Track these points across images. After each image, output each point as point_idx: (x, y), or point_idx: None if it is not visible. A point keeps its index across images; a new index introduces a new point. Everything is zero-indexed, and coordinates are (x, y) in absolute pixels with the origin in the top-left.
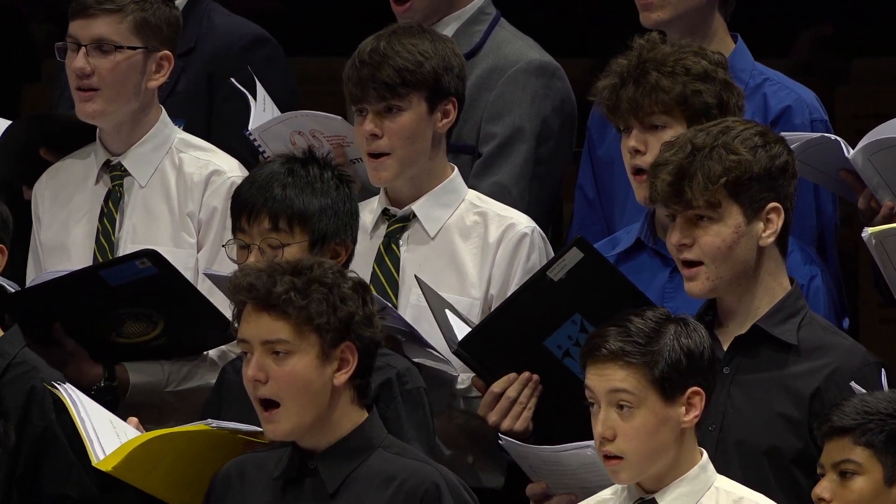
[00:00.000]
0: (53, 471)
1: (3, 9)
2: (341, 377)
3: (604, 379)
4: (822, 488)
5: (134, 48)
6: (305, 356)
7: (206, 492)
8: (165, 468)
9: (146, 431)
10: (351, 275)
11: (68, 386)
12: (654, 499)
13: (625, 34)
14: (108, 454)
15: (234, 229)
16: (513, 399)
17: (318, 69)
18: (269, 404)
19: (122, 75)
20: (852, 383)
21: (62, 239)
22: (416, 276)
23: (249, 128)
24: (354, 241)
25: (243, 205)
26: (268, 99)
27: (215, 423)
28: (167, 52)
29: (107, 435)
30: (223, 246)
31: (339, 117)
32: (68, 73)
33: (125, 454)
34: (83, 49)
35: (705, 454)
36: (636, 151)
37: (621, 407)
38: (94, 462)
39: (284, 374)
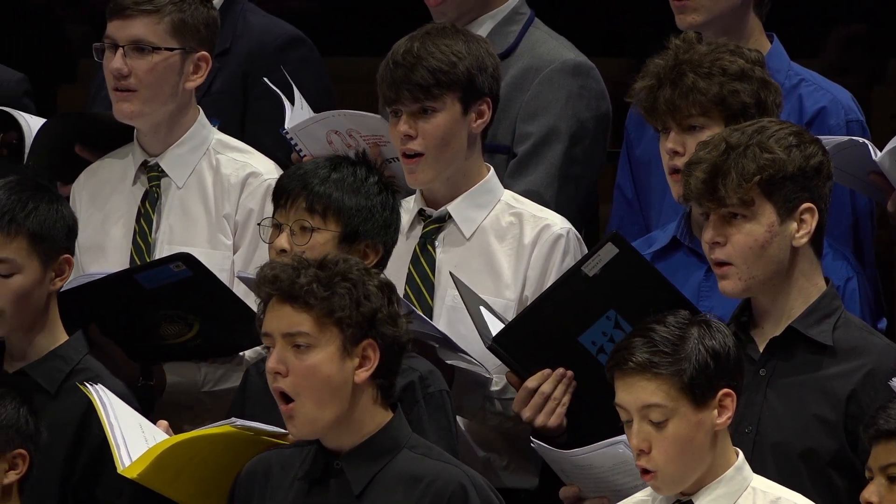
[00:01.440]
0: (110, 482)
1: (39, 10)
2: (362, 374)
3: (634, 394)
4: (871, 492)
5: (171, 49)
6: (325, 350)
7: (230, 488)
8: (190, 472)
9: (172, 431)
10: (378, 274)
11: (100, 387)
12: (690, 500)
13: (660, 33)
14: (133, 461)
15: (273, 212)
16: (547, 395)
17: (353, 69)
18: (288, 399)
19: (160, 76)
20: (892, 381)
21: (99, 239)
22: (450, 272)
23: (286, 126)
24: (387, 248)
25: (283, 188)
26: (303, 99)
27: (240, 422)
28: (205, 52)
29: (135, 440)
30: (258, 224)
31: (377, 116)
32: (105, 74)
33: (150, 460)
34: (120, 50)
35: (741, 454)
36: (674, 153)
37: (654, 419)
38: (120, 469)
39: (304, 367)
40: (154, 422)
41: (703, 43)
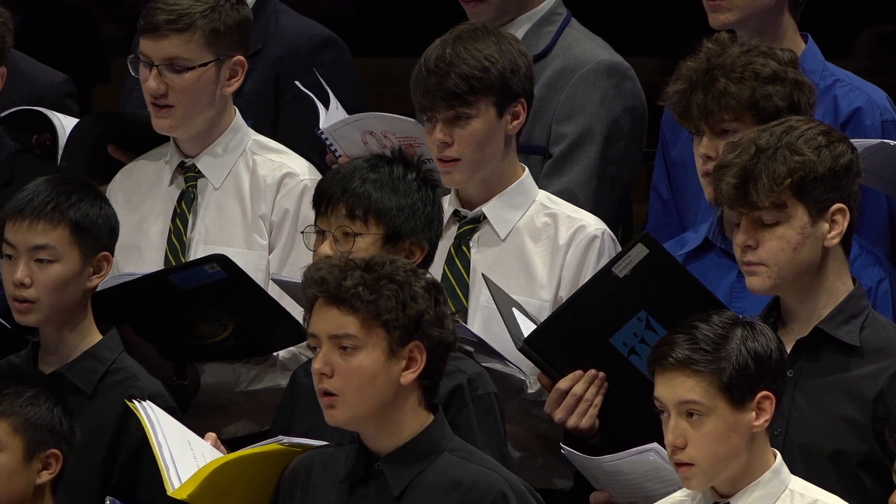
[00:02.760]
0: (149, 482)
1: (73, 10)
2: (408, 376)
3: (672, 389)
4: None
5: (206, 63)
6: (372, 352)
7: (275, 486)
8: (240, 491)
9: (220, 445)
10: (424, 275)
11: (147, 404)
12: (728, 503)
13: (696, 33)
14: (183, 481)
15: (315, 218)
16: (578, 396)
17: (386, 70)
18: (332, 395)
19: (197, 91)
20: None
21: (135, 239)
22: (482, 274)
23: (321, 126)
24: (432, 244)
25: (323, 194)
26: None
27: (287, 439)
28: (240, 56)
29: (184, 458)
30: (301, 233)
31: (411, 119)
32: (143, 89)
33: (200, 481)
34: (155, 69)
35: (779, 457)
36: (707, 157)
37: (691, 415)
38: (170, 491)
39: (350, 369)
40: (191, 426)
41: (736, 45)
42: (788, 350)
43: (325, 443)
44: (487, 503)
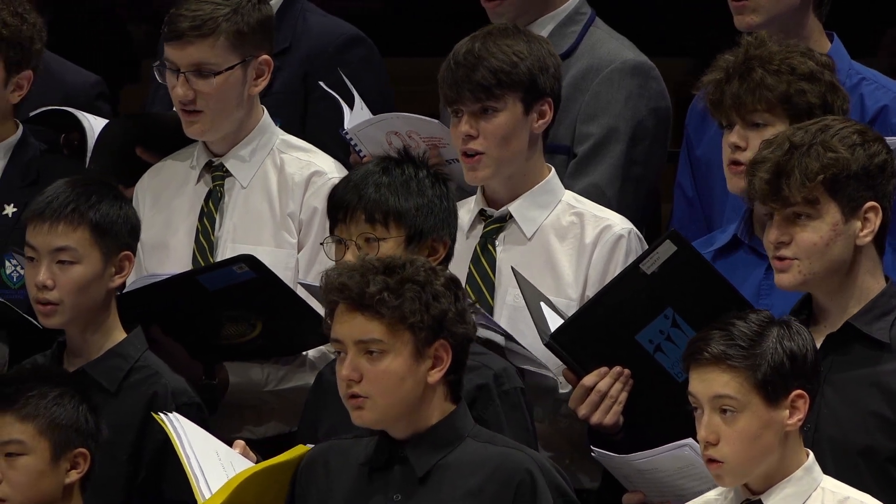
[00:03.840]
0: (175, 478)
1: (101, 10)
2: (435, 375)
3: (706, 384)
4: None
5: (232, 66)
6: (400, 355)
7: (290, 481)
8: (270, 498)
9: (250, 452)
10: (443, 271)
11: (174, 416)
12: (760, 500)
13: (722, 33)
14: (213, 492)
15: (332, 227)
16: (603, 393)
17: (414, 69)
18: (359, 397)
19: (225, 94)
20: None
21: (162, 238)
22: (512, 268)
23: (346, 127)
24: (453, 239)
25: (339, 203)
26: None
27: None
28: (266, 56)
29: (213, 469)
30: (321, 244)
31: (435, 120)
32: (171, 95)
33: (230, 492)
34: (182, 76)
35: (811, 455)
36: (736, 147)
37: (724, 411)
38: (201, 503)
39: (378, 373)
40: (221, 425)
41: (775, 42)
42: (819, 345)
43: None
44: (515, 482)
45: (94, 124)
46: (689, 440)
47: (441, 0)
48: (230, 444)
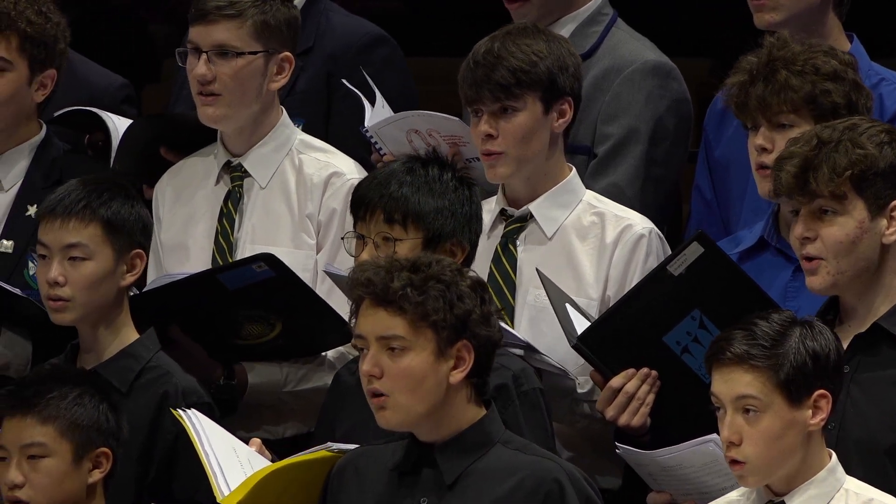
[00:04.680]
0: (185, 477)
1: (122, 10)
2: (457, 375)
3: (729, 384)
4: None
5: (255, 52)
6: (421, 353)
7: (322, 487)
8: (289, 498)
9: (265, 450)
10: (469, 273)
11: (192, 413)
12: (783, 501)
13: (743, 34)
14: (232, 489)
15: (354, 223)
16: (631, 394)
17: (437, 69)
18: (381, 395)
19: (244, 80)
20: None
21: (182, 239)
22: (537, 269)
23: (366, 125)
24: (472, 244)
25: (361, 200)
26: (384, 98)
27: (336, 446)
28: (288, 53)
29: (231, 466)
30: (342, 239)
31: (455, 118)
32: (189, 79)
33: (249, 488)
34: (204, 55)
35: (834, 456)
36: (763, 149)
37: (747, 411)
38: (219, 499)
39: (399, 369)
40: (240, 425)
41: (798, 42)
42: (845, 346)
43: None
44: (543, 491)
45: (118, 125)
46: (714, 436)
47: (460, 0)
48: (245, 442)
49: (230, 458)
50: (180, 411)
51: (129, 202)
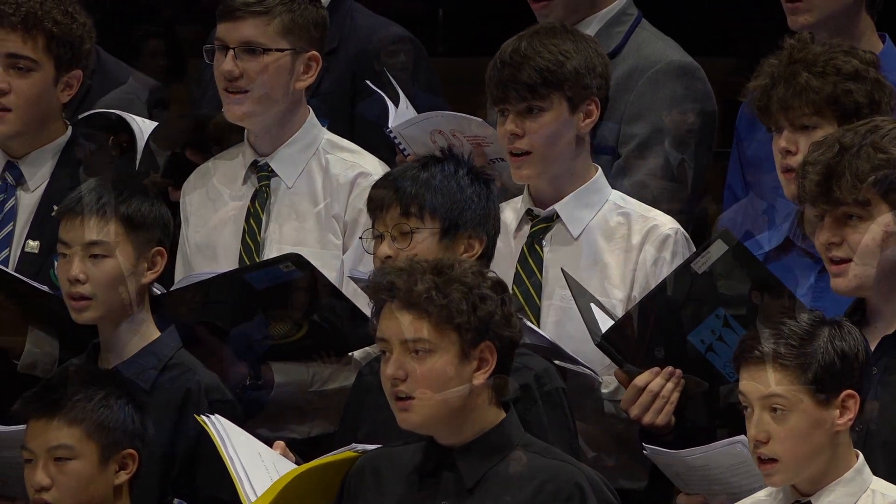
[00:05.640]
0: (208, 474)
1: (148, 10)
2: (480, 377)
3: (757, 383)
4: None
5: (282, 50)
6: (445, 355)
7: (339, 488)
8: (313, 499)
9: (290, 453)
10: (490, 274)
11: (216, 418)
12: (809, 501)
13: (770, 34)
14: (259, 495)
15: (372, 223)
16: (655, 393)
17: (461, 69)
18: (405, 399)
19: (271, 77)
20: None
21: (209, 239)
22: (562, 269)
23: (390, 125)
24: (490, 238)
25: (376, 197)
26: (407, 99)
27: (360, 447)
28: (315, 52)
29: (256, 470)
30: (360, 239)
31: (478, 119)
32: (216, 76)
33: (276, 493)
34: (231, 52)
35: (861, 457)
36: (787, 152)
37: (774, 410)
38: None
39: (424, 372)
40: (266, 425)
41: (818, 43)
42: (873, 348)
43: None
44: (564, 496)
45: (142, 127)
46: (742, 437)
47: (485, 0)
48: (269, 444)
49: (255, 463)
50: (204, 417)
51: (149, 200)
